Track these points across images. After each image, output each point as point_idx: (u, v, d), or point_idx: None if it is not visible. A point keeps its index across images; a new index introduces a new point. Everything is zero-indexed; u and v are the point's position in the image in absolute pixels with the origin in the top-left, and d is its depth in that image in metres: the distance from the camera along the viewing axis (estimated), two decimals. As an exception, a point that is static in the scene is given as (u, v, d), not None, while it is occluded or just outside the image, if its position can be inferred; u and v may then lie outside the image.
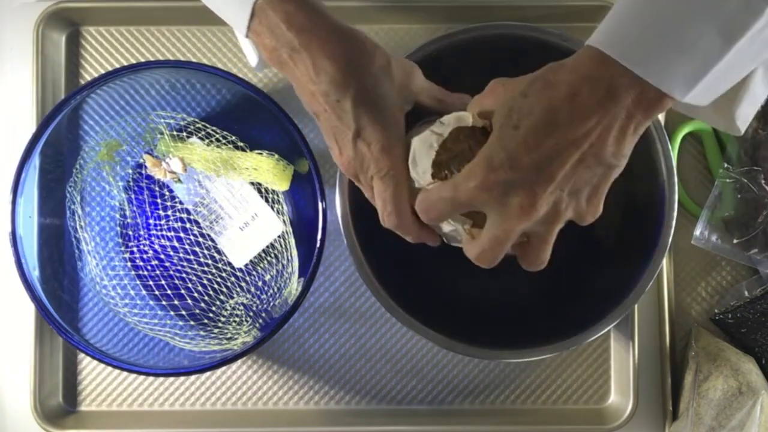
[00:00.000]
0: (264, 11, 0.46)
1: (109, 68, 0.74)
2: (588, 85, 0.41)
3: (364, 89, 0.47)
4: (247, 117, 0.71)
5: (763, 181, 0.70)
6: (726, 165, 0.71)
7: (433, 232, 0.52)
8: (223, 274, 0.70)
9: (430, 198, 0.46)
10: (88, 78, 0.74)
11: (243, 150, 0.70)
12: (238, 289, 0.70)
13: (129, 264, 0.71)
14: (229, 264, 0.70)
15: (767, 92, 0.50)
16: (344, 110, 0.47)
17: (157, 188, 0.71)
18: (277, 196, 0.70)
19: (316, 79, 0.46)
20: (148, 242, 0.71)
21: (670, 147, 0.61)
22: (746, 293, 0.71)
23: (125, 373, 0.72)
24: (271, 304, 0.70)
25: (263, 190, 0.70)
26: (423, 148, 0.48)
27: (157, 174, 0.69)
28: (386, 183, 0.48)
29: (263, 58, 0.50)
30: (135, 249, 0.71)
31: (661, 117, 0.72)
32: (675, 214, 0.60)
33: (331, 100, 0.46)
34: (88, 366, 0.72)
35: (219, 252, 0.70)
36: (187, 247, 0.70)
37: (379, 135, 0.47)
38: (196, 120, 0.70)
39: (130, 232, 0.71)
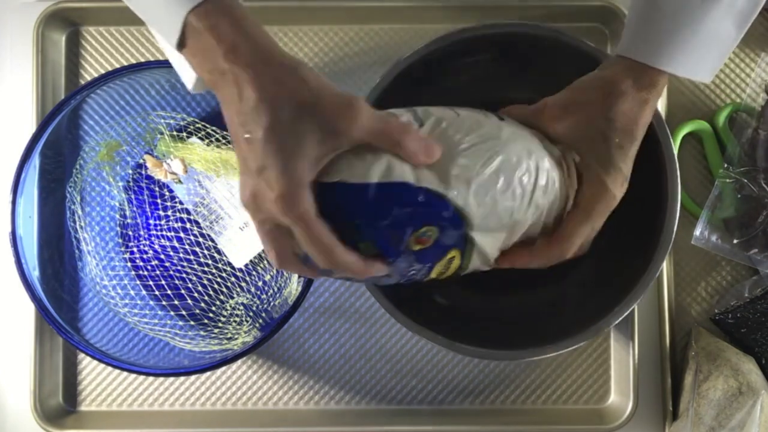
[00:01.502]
0: (197, 33, 0.44)
1: (109, 68, 0.74)
2: (654, 98, 0.52)
3: (278, 127, 0.43)
4: (247, 117, 0.71)
5: (763, 181, 0.70)
6: (726, 165, 0.71)
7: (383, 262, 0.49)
8: (223, 274, 0.70)
9: (578, 237, 0.53)
10: (88, 78, 0.74)
11: (243, 150, 0.70)
12: (238, 289, 0.70)
13: (129, 264, 0.71)
14: (229, 264, 0.70)
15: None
16: (253, 143, 0.44)
17: (157, 188, 0.71)
18: (277, 196, 0.70)
19: (236, 105, 0.44)
20: (148, 242, 0.71)
21: (672, 147, 0.61)
22: (746, 293, 0.71)
23: (125, 373, 0.72)
24: (271, 304, 0.70)
25: (263, 190, 0.70)
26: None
27: (158, 175, 0.70)
28: (306, 226, 0.45)
29: (200, 79, 0.48)
30: (135, 249, 0.71)
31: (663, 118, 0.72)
32: (677, 214, 0.60)
33: (246, 130, 0.44)
34: (88, 366, 0.72)
35: (219, 252, 0.70)
36: (187, 247, 0.70)
37: (280, 182, 0.44)
38: (196, 120, 0.70)
39: (130, 232, 0.71)
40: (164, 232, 0.71)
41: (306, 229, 0.45)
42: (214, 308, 0.70)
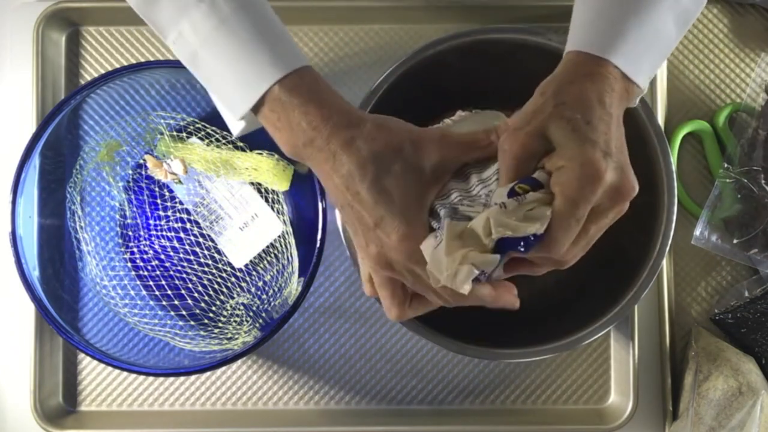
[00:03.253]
0: (281, 104, 0.46)
1: (109, 68, 0.74)
2: (604, 89, 0.47)
3: (382, 177, 0.45)
4: (247, 117, 0.71)
5: (763, 181, 0.70)
6: (726, 165, 0.71)
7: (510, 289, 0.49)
8: (223, 275, 0.70)
9: (564, 234, 0.45)
10: (88, 78, 0.74)
11: (243, 150, 0.70)
12: (239, 290, 0.70)
13: (129, 264, 0.71)
14: (229, 264, 0.70)
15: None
16: (362, 201, 0.45)
17: (157, 188, 0.71)
18: (277, 196, 0.70)
19: (337, 173, 0.45)
20: (148, 242, 0.71)
21: (668, 149, 0.61)
22: (746, 293, 0.71)
23: (125, 373, 0.72)
24: (271, 304, 0.70)
25: (263, 190, 0.70)
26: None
27: (158, 175, 0.69)
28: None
29: (279, 144, 0.48)
30: (135, 249, 0.71)
31: (660, 119, 0.72)
32: (675, 214, 0.60)
33: (351, 192, 0.45)
34: (88, 366, 0.72)
35: (219, 252, 0.70)
36: (187, 247, 0.70)
37: (398, 225, 0.45)
38: (196, 120, 0.70)
39: (130, 233, 0.71)
40: (164, 232, 0.71)
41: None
42: (214, 308, 0.70)
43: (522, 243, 0.43)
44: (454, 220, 0.45)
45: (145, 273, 0.71)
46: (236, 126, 0.50)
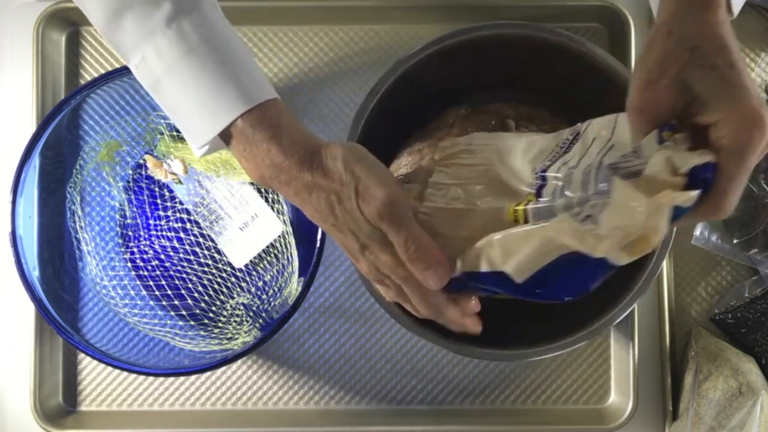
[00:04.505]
0: (245, 138, 0.46)
1: (109, 68, 0.74)
2: (721, 15, 0.44)
3: (356, 200, 0.46)
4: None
5: (763, 181, 0.70)
6: (726, 165, 0.71)
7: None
8: (223, 275, 0.70)
9: (734, 188, 0.43)
10: (88, 78, 0.74)
11: (243, 150, 0.70)
12: (239, 290, 0.70)
13: (129, 264, 0.71)
14: (229, 264, 0.70)
15: None
16: (341, 225, 0.46)
17: (157, 188, 0.71)
18: (277, 196, 0.70)
19: (310, 205, 0.47)
20: (148, 242, 0.71)
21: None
22: (746, 293, 0.71)
23: (125, 373, 0.72)
24: (271, 304, 0.70)
25: (263, 190, 0.70)
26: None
27: (158, 175, 0.70)
28: (406, 226, 0.46)
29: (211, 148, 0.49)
30: (135, 249, 0.71)
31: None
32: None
33: (333, 216, 0.46)
34: (88, 366, 0.72)
35: (219, 252, 0.70)
36: (187, 247, 0.70)
37: (378, 187, 0.45)
38: (196, 120, 0.70)
39: (130, 233, 0.71)
40: (164, 233, 0.71)
41: (405, 230, 0.45)
42: (214, 308, 0.70)
43: (710, 170, 0.41)
44: (619, 177, 0.43)
45: (145, 273, 0.71)
46: (199, 150, 0.50)
